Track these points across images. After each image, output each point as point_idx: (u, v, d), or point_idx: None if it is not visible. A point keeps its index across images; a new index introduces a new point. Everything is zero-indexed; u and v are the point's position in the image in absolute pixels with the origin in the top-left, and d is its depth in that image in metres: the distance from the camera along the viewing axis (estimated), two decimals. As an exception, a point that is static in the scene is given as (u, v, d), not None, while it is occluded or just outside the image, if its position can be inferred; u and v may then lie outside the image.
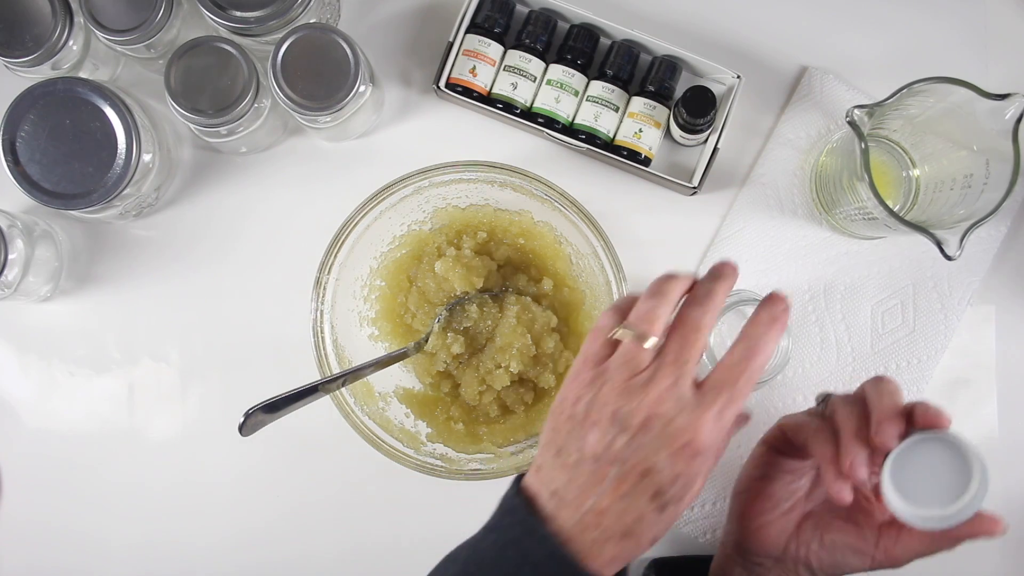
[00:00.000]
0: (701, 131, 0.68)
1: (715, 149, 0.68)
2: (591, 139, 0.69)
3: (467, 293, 0.67)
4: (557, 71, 0.69)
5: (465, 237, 0.68)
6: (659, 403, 0.45)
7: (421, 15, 0.73)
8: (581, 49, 0.69)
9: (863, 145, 0.59)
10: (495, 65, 0.70)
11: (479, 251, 0.68)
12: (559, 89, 0.69)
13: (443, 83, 0.69)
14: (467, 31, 0.70)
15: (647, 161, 0.70)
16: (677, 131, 0.69)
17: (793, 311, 0.71)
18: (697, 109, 0.65)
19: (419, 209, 0.68)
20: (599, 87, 0.69)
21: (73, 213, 0.66)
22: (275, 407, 0.58)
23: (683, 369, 0.46)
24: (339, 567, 0.72)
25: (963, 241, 0.58)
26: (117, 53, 0.69)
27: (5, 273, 0.64)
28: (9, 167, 0.63)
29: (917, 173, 0.69)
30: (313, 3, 0.64)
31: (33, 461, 0.72)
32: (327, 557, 0.71)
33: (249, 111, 0.64)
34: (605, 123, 0.69)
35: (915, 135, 0.68)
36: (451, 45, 0.69)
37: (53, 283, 0.71)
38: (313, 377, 0.62)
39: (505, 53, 0.70)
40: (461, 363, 0.68)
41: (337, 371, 0.65)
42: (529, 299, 0.67)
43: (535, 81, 0.70)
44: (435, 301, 0.68)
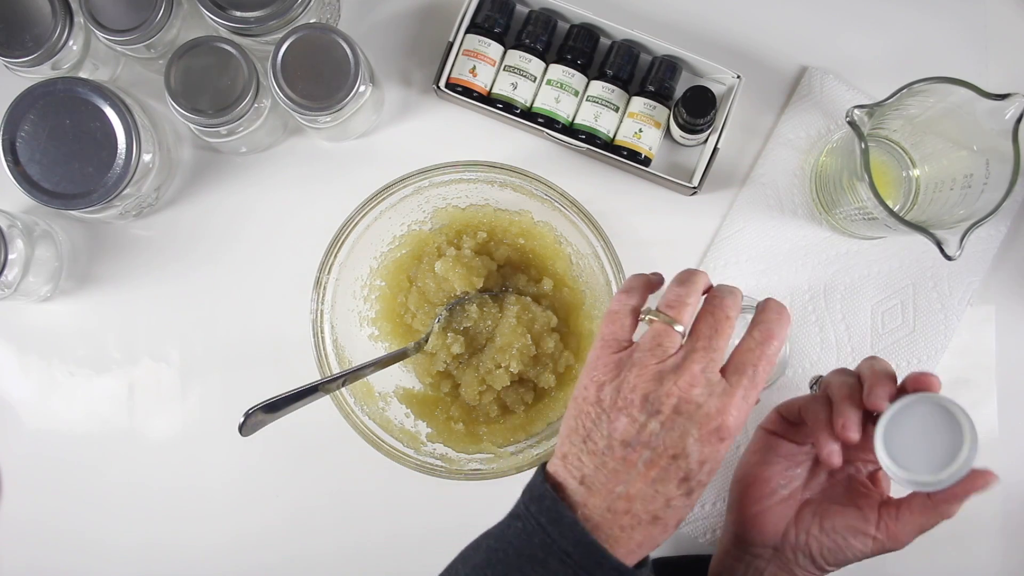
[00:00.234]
0: (701, 131, 0.68)
1: (715, 149, 0.68)
2: (591, 139, 0.69)
3: (467, 293, 0.67)
4: (557, 71, 0.69)
5: (465, 237, 0.68)
6: (691, 387, 0.46)
7: (421, 15, 0.73)
8: (581, 49, 0.69)
9: (863, 145, 0.59)
10: (495, 65, 0.70)
11: (479, 251, 0.68)
12: (559, 89, 0.69)
13: (443, 83, 0.69)
14: (467, 31, 0.70)
15: (647, 161, 0.70)
16: (677, 131, 0.69)
17: (793, 311, 0.71)
18: (697, 109, 0.65)
19: (419, 209, 0.68)
20: (599, 87, 0.69)
21: (73, 213, 0.66)
22: (275, 407, 0.58)
23: (714, 355, 0.47)
24: (339, 567, 0.72)
25: (963, 241, 0.58)
26: (117, 53, 0.69)
27: (5, 273, 0.64)
28: (9, 167, 0.63)
29: (917, 173, 0.69)
30: (313, 3, 0.64)
31: (33, 461, 0.72)
32: (327, 557, 0.71)
33: (249, 111, 0.64)
34: (605, 123, 0.69)
35: (915, 135, 0.68)
36: (451, 45, 0.69)
37: (53, 283, 0.71)
38: (313, 377, 0.62)
39: (505, 53, 0.70)
40: (461, 363, 0.68)
41: (337, 371, 0.65)
42: (529, 299, 0.67)
43: (535, 81, 0.70)
44: (435, 301, 0.68)
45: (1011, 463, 0.71)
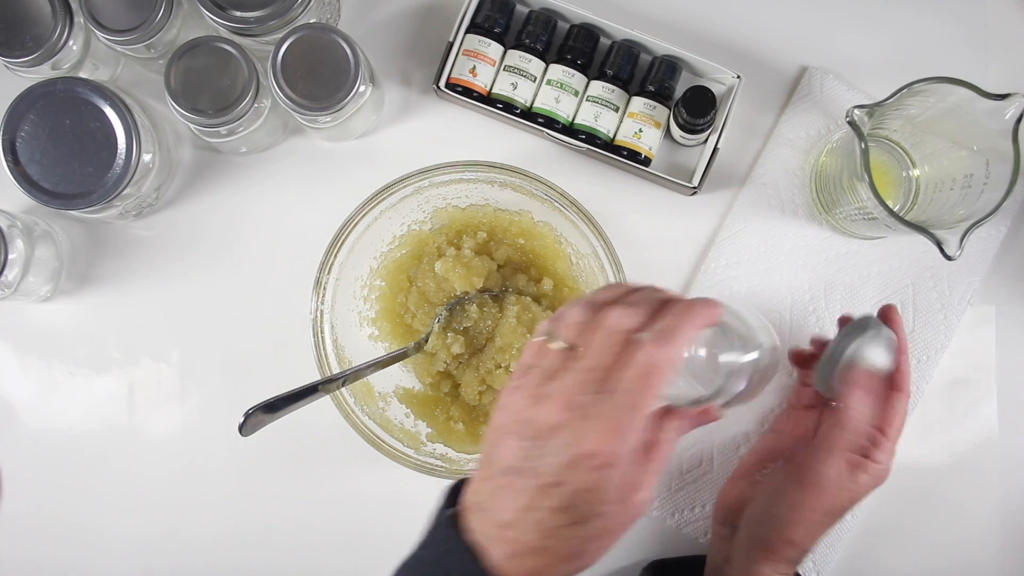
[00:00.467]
0: (701, 131, 0.68)
1: (715, 149, 0.68)
2: (591, 139, 0.69)
3: (467, 293, 0.67)
4: (557, 71, 0.69)
5: (465, 237, 0.68)
6: (561, 410, 0.42)
7: (421, 15, 0.73)
8: (581, 49, 0.70)
9: (863, 145, 0.59)
10: (495, 65, 0.70)
11: (479, 251, 0.68)
12: (559, 89, 0.69)
13: (443, 83, 0.69)
14: (467, 31, 0.70)
15: (647, 161, 0.70)
16: (677, 131, 0.69)
17: (793, 311, 0.71)
18: (697, 109, 0.65)
19: (419, 209, 0.69)
20: (599, 87, 0.69)
21: (73, 213, 0.66)
22: (275, 407, 0.58)
23: (588, 374, 0.42)
24: (339, 567, 0.72)
25: (963, 241, 0.58)
26: (117, 53, 0.69)
27: (5, 273, 0.64)
28: (9, 167, 0.63)
29: (917, 173, 0.69)
30: (313, 3, 0.64)
31: (33, 461, 0.72)
32: (327, 557, 0.71)
33: (249, 111, 0.64)
34: (605, 123, 0.69)
35: (915, 135, 0.68)
36: (451, 45, 0.69)
37: (53, 283, 0.71)
38: (313, 377, 0.62)
39: (505, 53, 0.70)
40: (461, 363, 0.68)
41: (337, 371, 0.65)
42: (529, 299, 0.67)
43: (535, 81, 0.70)
44: (435, 301, 0.68)
45: (1011, 463, 0.71)
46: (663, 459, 0.45)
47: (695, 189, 0.69)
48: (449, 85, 0.70)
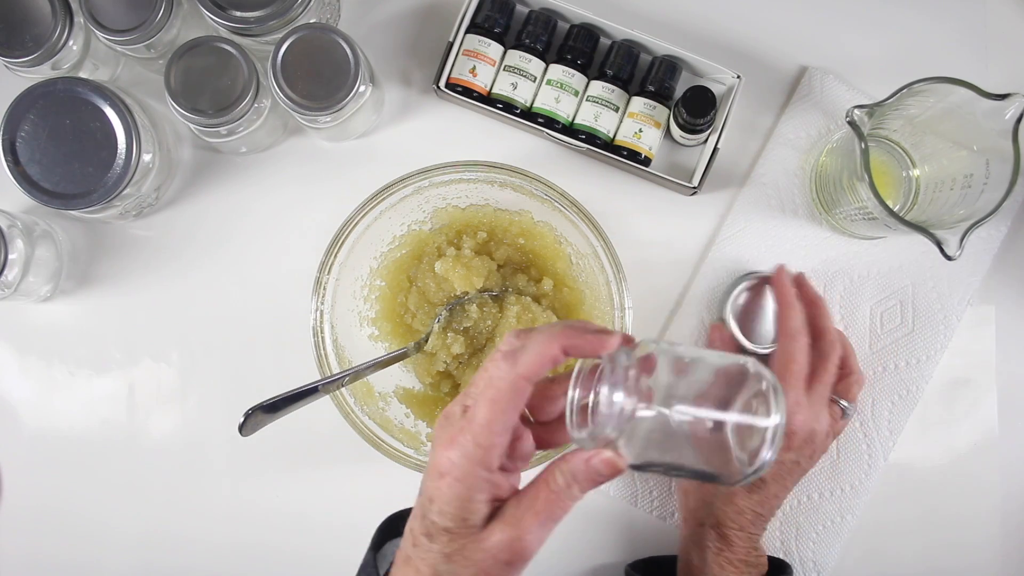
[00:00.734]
0: (701, 131, 0.68)
1: (715, 149, 0.68)
2: (591, 139, 0.69)
3: (467, 293, 0.67)
4: (557, 71, 0.69)
5: (465, 237, 0.68)
6: (437, 423, 0.44)
7: (421, 15, 0.73)
8: (581, 49, 0.69)
9: (863, 145, 0.59)
10: (495, 65, 0.70)
11: (479, 251, 0.68)
12: (559, 89, 0.69)
13: (443, 83, 0.69)
14: (467, 31, 0.70)
15: (647, 161, 0.70)
16: (677, 131, 0.69)
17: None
18: (697, 109, 0.65)
19: (419, 209, 0.68)
20: (599, 87, 0.69)
21: (73, 213, 0.66)
22: (275, 407, 0.58)
23: (466, 390, 0.43)
24: (339, 566, 0.72)
25: (963, 241, 0.58)
26: (117, 53, 0.69)
27: (5, 273, 0.64)
28: (9, 167, 0.63)
29: (917, 173, 0.69)
30: (313, 3, 0.64)
31: (33, 461, 0.72)
32: (327, 557, 0.71)
33: (249, 111, 0.64)
34: (605, 123, 0.69)
35: (915, 135, 0.68)
36: (451, 45, 0.69)
37: (53, 283, 0.71)
38: (313, 377, 0.62)
39: (505, 53, 0.70)
40: (461, 363, 0.68)
41: (337, 371, 0.65)
42: (529, 299, 0.67)
43: (535, 81, 0.70)
44: (435, 301, 0.68)
45: (1011, 463, 0.71)
46: (550, 503, 0.42)
47: (695, 189, 0.69)
48: (449, 85, 0.70)
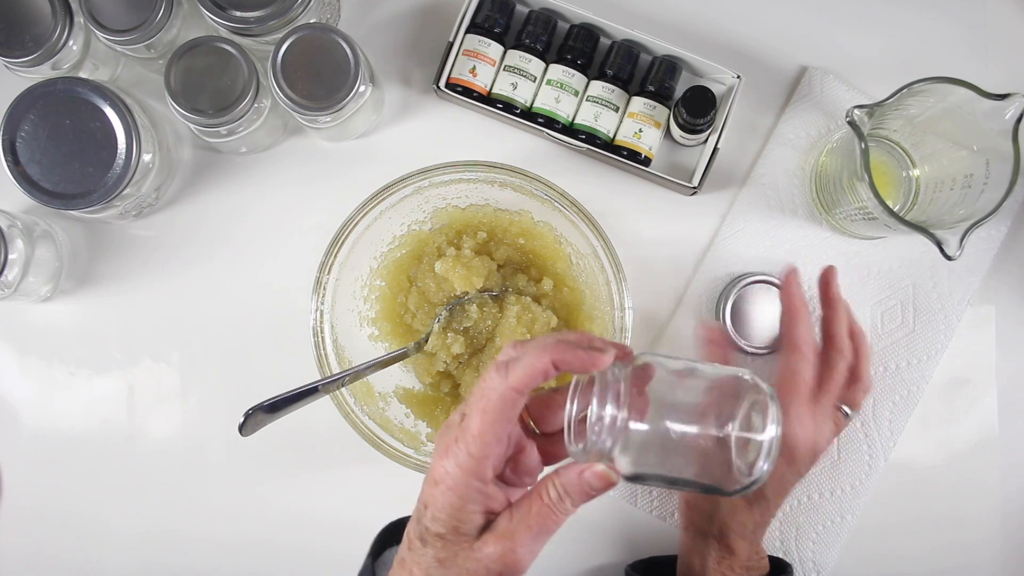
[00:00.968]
0: (701, 131, 0.68)
1: (715, 149, 0.68)
2: (591, 139, 0.69)
3: (467, 293, 0.67)
4: (557, 71, 0.69)
5: (465, 237, 0.68)
6: (441, 437, 0.45)
7: (421, 15, 0.73)
8: (581, 49, 0.69)
9: (863, 145, 0.59)
10: (495, 65, 0.70)
11: (479, 251, 0.68)
12: (559, 89, 0.69)
13: (443, 83, 0.69)
14: (467, 31, 0.70)
15: (647, 161, 0.70)
16: (677, 131, 0.69)
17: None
18: (697, 109, 0.65)
19: (419, 209, 0.68)
20: (599, 87, 0.69)
21: (73, 213, 0.66)
22: (275, 407, 0.58)
23: (462, 406, 0.44)
24: (339, 567, 0.72)
25: (963, 241, 0.58)
26: (117, 53, 0.69)
27: (5, 273, 0.64)
28: (9, 167, 0.63)
29: (917, 173, 0.69)
30: (313, 3, 0.64)
31: (33, 461, 0.72)
32: (327, 557, 0.71)
33: (249, 111, 0.64)
34: (605, 123, 0.69)
35: (915, 135, 0.68)
36: (451, 45, 0.69)
37: (53, 283, 0.71)
38: (313, 377, 0.62)
39: (505, 53, 0.70)
40: (461, 363, 0.68)
41: (337, 371, 0.65)
42: (529, 299, 0.67)
43: (535, 81, 0.70)
44: (435, 301, 0.68)
45: (1011, 463, 0.71)
46: (543, 516, 0.42)
47: (695, 189, 0.69)
48: (449, 85, 0.70)
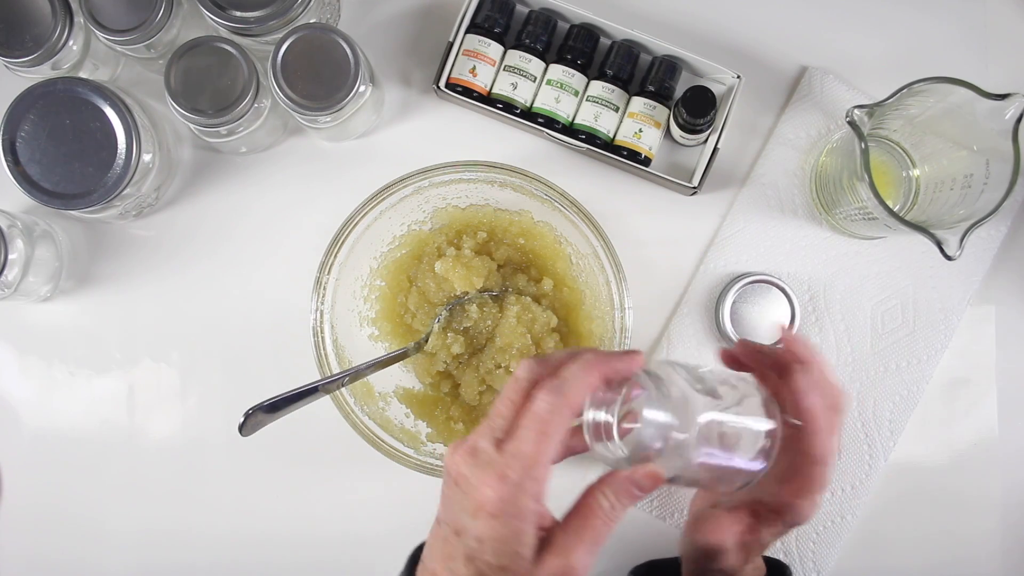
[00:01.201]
0: (701, 131, 0.68)
1: (715, 149, 0.68)
2: (591, 139, 0.69)
3: (467, 293, 0.67)
4: (557, 71, 0.69)
5: (465, 237, 0.68)
6: (461, 458, 0.43)
7: (421, 15, 0.73)
8: (581, 49, 0.69)
9: (863, 145, 0.59)
10: (495, 65, 0.70)
11: (479, 251, 0.68)
12: (559, 89, 0.69)
13: (443, 83, 0.69)
14: (467, 31, 0.70)
15: (647, 161, 0.70)
16: (677, 131, 0.69)
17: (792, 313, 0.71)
18: (697, 109, 0.65)
19: (419, 209, 0.68)
20: (599, 87, 0.69)
21: (73, 213, 0.66)
22: (275, 407, 0.58)
23: (493, 423, 0.43)
24: (339, 567, 0.72)
25: (963, 241, 0.58)
26: (117, 53, 0.69)
27: (5, 273, 0.64)
28: (9, 167, 0.63)
29: (917, 173, 0.69)
30: (313, 3, 0.64)
31: (33, 461, 0.72)
32: (327, 557, 0.71)
33: (249, 111, 0.64)
34: (605, 123, 0.69)
35: (915, 135, 0.68)
36: (451, 45, 0.69)
37: (53, 283, 0.71)
38: (313, 377, 0.62)
39: (505, 53, 0.70)
40: (461, 363, 0.68)
41: (337, 371, 0.65)
42: (529, 299, 0.67)
43: (535, 81, 0.70)
44: (435, 301, 0.68)
45: (1011, 463, 0.71)
46: (597, 526, 0.43)
47: (695, 189, 0.69)
48: (449, 85, 0.70)
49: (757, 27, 0.72)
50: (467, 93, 0.69)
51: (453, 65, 0.69)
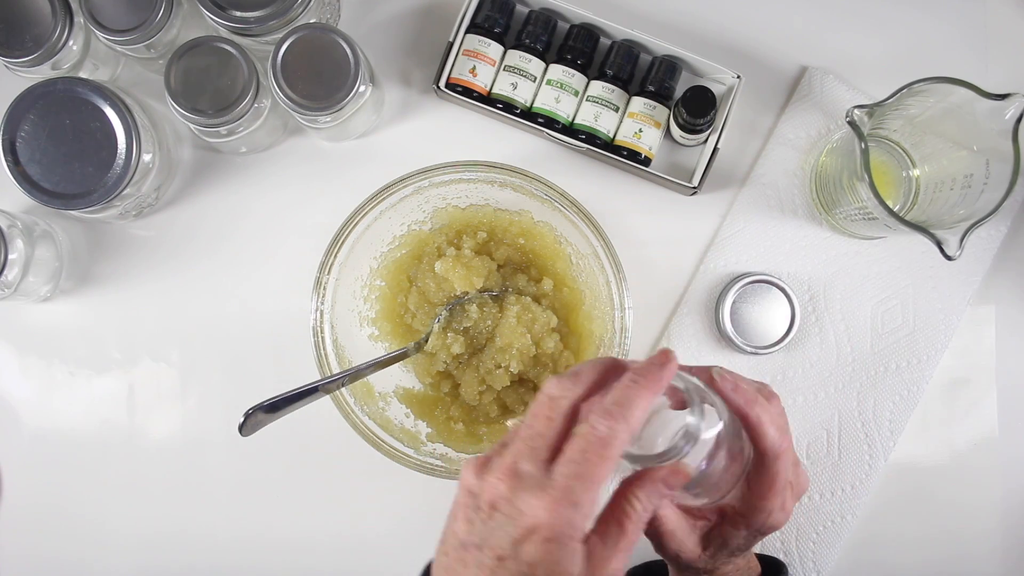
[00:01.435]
0: (701, 131, 0.68)
1: (715, 149, 0.68)
2: (591, 139, 0.69)
3: (467, 293, 0.67)
4: (557, 71, 0.69)
5: (465, 237, 0.68)
6: (500, 481, 0.41)
7: (421, 15, 0.73)
8: (581, 49, 0.69)
9: (863, 145, 0.59)
10: (495, 65, 0.70)
11: (479, 251, 0.68)
12: (559, 89, 0.69)
13: (443, 83, 0.69)
14: (467, 31, 0.70)
15: (647, 161, 0.70)
16: (677, 131, 0.69)
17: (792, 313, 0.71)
18: (697, 109, 0.65)
19: (419, 209, 0.68)
20: (599, 87, 0.69)
21: (73, 213, 0.66)
22: (275, 407, 0.58)
23: (533, 443, 0.42)
24: (339, 567, 0.72)
25: (963, 241, 0.58)
26: (117, 53, 0.69)
27: (5, 273, 0.64)
28: (9, 167, 0.63)
29: (917, 173, 0.69)
30: (313, 3, 0.64)
31: (33, 461, 0.72)
32: (327, 557, 0.71)
33: (249, 111, 0.64)
34: (605, 123, 0.69)
35: (915, 135, 0.68)
36: (451, 45, 0.69)
37: (53, 283, 0.71)
38: (313, 377, 0.62)
39: (505, 53, 0.70)
40: (461, 363, 0.68)
41: (337, 371, 0.65)
42: (529, 299, 0.67)
43: (535, 81, 0.70)
44: (435, 301, 0.68)
45: (1011, 463, 0.71)
46: (630, 531, 0.42)
47: (695, 189, 0.69)
48: (449, 85, 0.70)
49: (757, 27, 0.72)
50: (467, 93, 0.69)
51: (453, 65, 0.70)
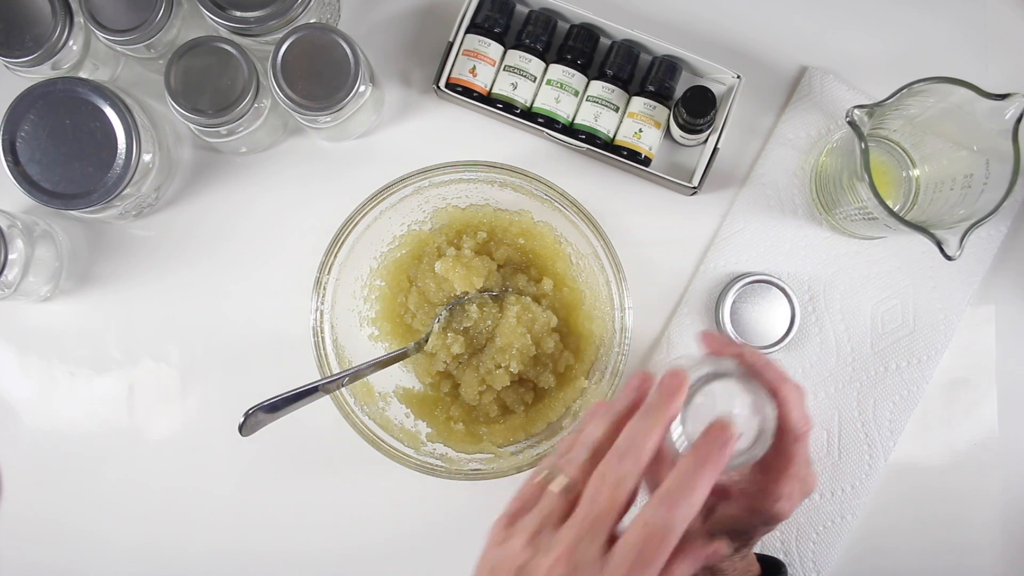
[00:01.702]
0: (701, 131, 0.68)
1: (715, 149, 0.68)
2: (591, 139, 0.69)
3: (467, 293, 0.67)
4: (557, 71, 0.69)
5: (465, 237, 0.68)
6: (564, 563, 0.40)
7: (421, 15, 0.73)
8: (581, 49, 0.70)
9: (863, 145, 0.59)
10: (495, 65, 0.70)
11: (479, 251, 0.68)
12: (559, 89, 0.69)
13: (443, 83, 0.69)
14: (467, 31, 0.70)
15: (647, 161, 0.70)
16: (677, 131, 0.69)
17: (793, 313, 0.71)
18: (697, 109, 0.65)
19: (419, 209, 0.69)
20: (599, 87, 0.69)
21: (73, 213, 0.66)
22: (275, 407, 0.58)
23: (590, 528, 0.40)
24: (339, 567, 0.72)
25: (963, 241, 0.58)
26: (117, 53, 0.69)
27: (5, 273, 0.64)
28: (9, 167, 0.63)
29: (917, 173, 0.69)
30: (313, 3, 0.64)
31: (33, 461, 0.72)
32: (327, 557, 0.71)
33: (249, 111, 0.64)
34: (605, 123, 0.69)
35: (915, 135, 0.68)
36: (451, 45, 0.69)
37: (53, 283, 0.71)
38: (313, 377, 0.62)
39: (505, 53, 0.70)
40: (461, 363, 0.68)
41: (337, 371, 0.65)
42: (529, 299, 0.67)
43: (535, 81, 0.70)
44: (435, 301, 0.68)
45: (1011, 463, 0.71)
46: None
47: (695, 189, 0.69)
48: (449, 85, 0.70)
49: (757, 27, 0.72)
50: (467, 93, 0.69)
51: (453, 65, 0.70)
